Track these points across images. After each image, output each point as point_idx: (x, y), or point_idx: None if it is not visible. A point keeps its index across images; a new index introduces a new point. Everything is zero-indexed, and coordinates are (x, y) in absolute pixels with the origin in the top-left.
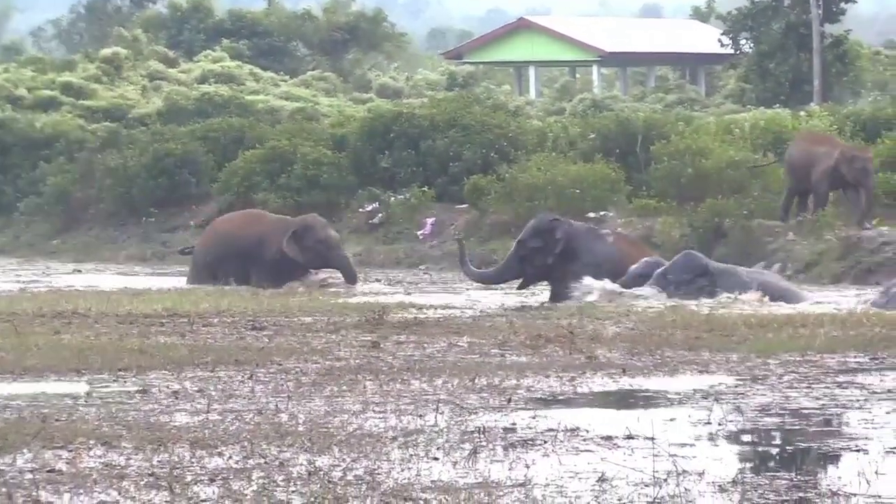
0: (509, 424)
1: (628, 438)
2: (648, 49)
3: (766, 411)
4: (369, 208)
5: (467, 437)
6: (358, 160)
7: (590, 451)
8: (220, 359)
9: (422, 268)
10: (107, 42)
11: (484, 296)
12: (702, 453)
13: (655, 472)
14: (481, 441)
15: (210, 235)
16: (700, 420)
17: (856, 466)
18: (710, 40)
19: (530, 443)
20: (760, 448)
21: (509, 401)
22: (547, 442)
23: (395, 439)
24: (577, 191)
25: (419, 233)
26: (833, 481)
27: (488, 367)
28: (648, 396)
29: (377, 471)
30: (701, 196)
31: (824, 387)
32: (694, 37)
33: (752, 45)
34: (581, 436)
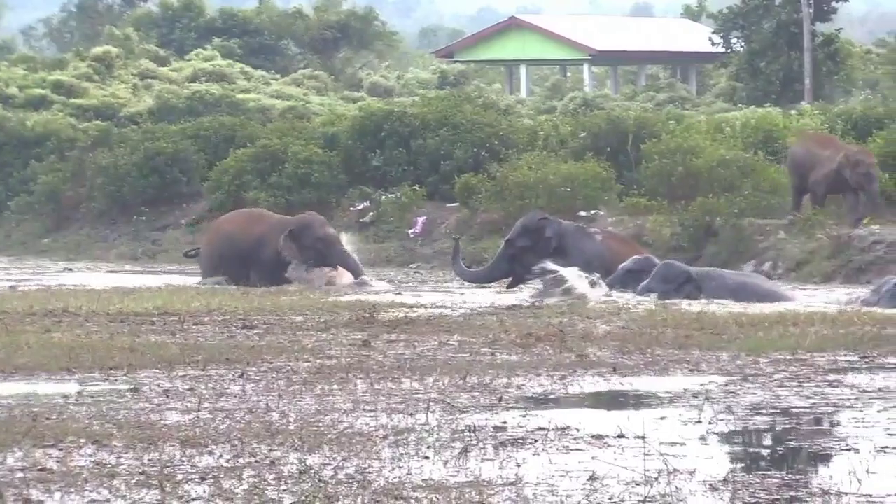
0: (500, 423)
1: (619, 437)
2: (639, 48)
3: (757, 410)
4: (360, 207)
5: (458, 435)
6: (349, 159)
7: (580, 450)
8: (210, 357)
9: (412, 266)
10: (98, 41)
11: (475, 294)
12: (692, 452)
13: (646, 471)
14: (472, 440)
15: (212, 235)
16: (691, 419)
17: (847, 465)
18: (701, 39)
19: (521, 442)
20: (751, 447)
21: (500, 399)
22: (537, 441)
23: (386, 438)
24: (568, 189)
25: (410, 231)
26: (824, 480)
27: (479, 365)
28: (639, 395)
29: (368, 469)
30: (692, 195)
31: (815, 385)
32: (685, 35)
33: (743, 43)
34: (572, 435)
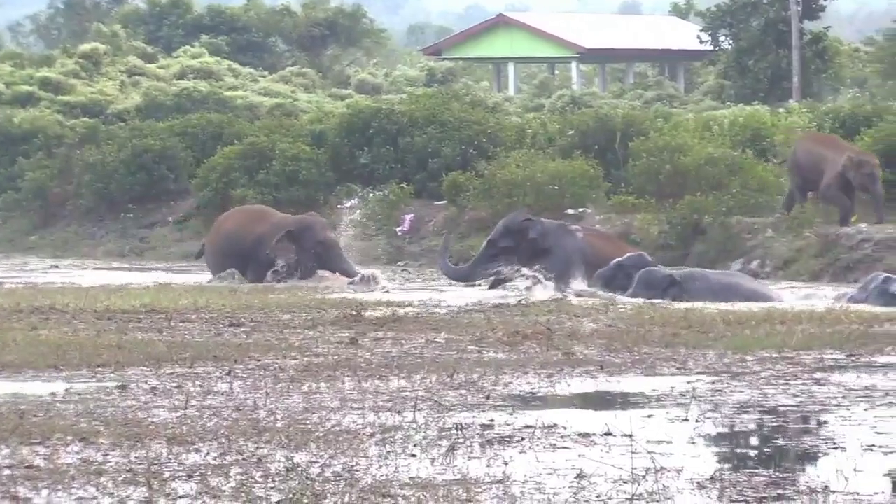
0: (487, 421)
1: (606, 435)
2: (627, 45)
3: (744, 408)
4: (348, 204)
5: (445, 433)
6: (336, 156)
7: (568, 448)
8: (198, 355)
9: (400, 264)
10: (85, 37)
11: (462, 291)
12: (680, 450)
13: (634, 469)
14: (459, 438)
15: (215, 233)
16: (678, 417)
17: (834, 464)
18: (689, 37)
19: (508, 439)
20: (738, 445)
21: (487, 397)
22: (525, 439)
23: (373, 436)
24: (556, 187)
25: (398, 229)
26: (811, 478)
27: (466, 363)
28: (626, 393)
29: (355, 467)
30: (680, 193)
31: (802, 384)
32: (673, 33)
33: (732, 41)
34: (559, 433)
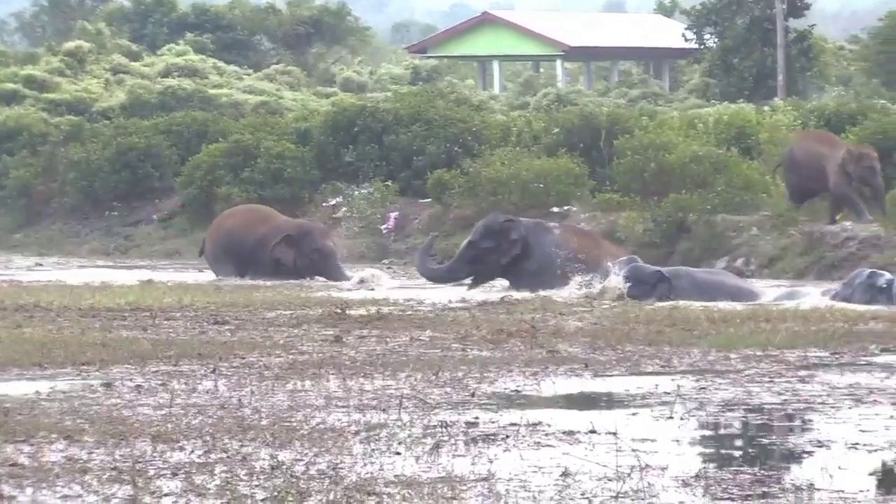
0: (472, 419)
1: (591, 433)
2: (612, 44)
3: (729, 406)
4: (333, 202)
5: (430, 431)
6: (321, 154)
7: (552, 446)
8: (182, 353)
9: (385, 262)
10: (70, 35)
11: (447, 290)
12: (664, 448)
13: (619, 467)
14: (444, 436)
15: (215, 232)
16: (662, 415)
17: (818, 461)
18: (674, 35)
19: (493, 437)
20: (723, 443)
21: (472, 395)
22: (509, 437)
23: (358, 434)
24: (541, 185)
25: (383, 227)
26: (796, 476)
27: (451, 361)
28: (610, 391)
29: (340, 465)
30: (664, 191)
31: (786, 382)
32: (658, 32)
33: (717, 39)
34: (543, 430)
